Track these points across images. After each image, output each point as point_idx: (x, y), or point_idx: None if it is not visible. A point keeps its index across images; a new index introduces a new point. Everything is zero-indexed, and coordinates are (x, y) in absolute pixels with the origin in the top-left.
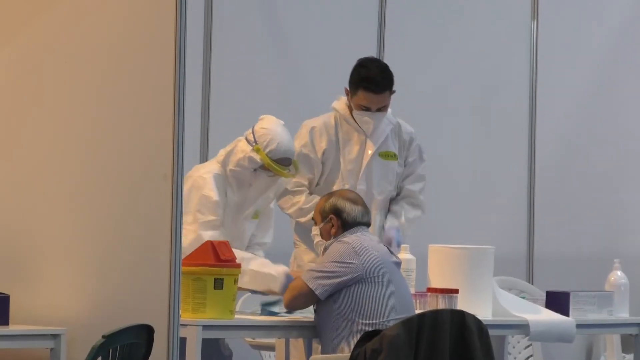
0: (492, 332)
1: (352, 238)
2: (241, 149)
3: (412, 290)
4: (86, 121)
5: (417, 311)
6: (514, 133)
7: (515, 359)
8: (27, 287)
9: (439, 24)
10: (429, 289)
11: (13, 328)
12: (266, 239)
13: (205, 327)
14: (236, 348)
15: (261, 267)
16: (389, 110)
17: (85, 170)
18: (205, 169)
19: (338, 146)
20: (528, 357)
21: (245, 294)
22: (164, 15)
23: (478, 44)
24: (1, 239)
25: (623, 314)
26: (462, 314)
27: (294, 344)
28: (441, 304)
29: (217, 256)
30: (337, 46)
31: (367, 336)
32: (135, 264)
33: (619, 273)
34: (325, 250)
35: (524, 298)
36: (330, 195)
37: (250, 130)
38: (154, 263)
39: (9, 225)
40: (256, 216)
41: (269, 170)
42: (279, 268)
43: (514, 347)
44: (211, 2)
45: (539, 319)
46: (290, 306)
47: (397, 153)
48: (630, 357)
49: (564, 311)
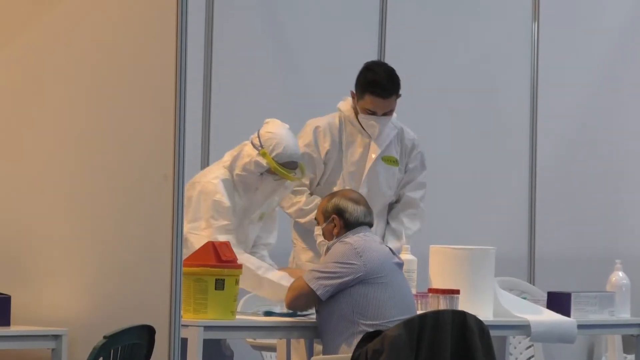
0: (493, 333)
1: (354, 239)
2: (247, 153)
3: (413, 291)
4: (87, 121)
5: (418, 312)
6: (515, 134)
7: (516, 359)
8: (28, 288)
9: (440, 24)
10: (430, 290)
11: (14, 329)
12: (270, 240)
13: (207, 328)
14: (237, 349)
15: (280, 280)
16: (394, 114)
17: (86, 170)
18: (213, 174)
19: (341, 147)
20: (529, 358)
21: (246, 294)
22: (164, 16)
23: (479, 45)
24: (2, 240)
25: (624, 314)
26: (463, 314)
27: (295, 345)
28: (442, 304)
29: (219, 257)
30: (338, 46)
31: (369, 337)
32: (137, 265)
33: (620, 273)
34: (328, 250)
35: (525, 298)
36: (332, 195)
37: (256, 135)
38: (155, 263)
39: (10, 225)
40: (261, 218)
41: (275, 174)
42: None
43: (515, 348)
44: (212, 2)
45: (540, 319)
46: (291, 306)
47: (398, 159)
48: (631, 357)
49: (565, 312)
